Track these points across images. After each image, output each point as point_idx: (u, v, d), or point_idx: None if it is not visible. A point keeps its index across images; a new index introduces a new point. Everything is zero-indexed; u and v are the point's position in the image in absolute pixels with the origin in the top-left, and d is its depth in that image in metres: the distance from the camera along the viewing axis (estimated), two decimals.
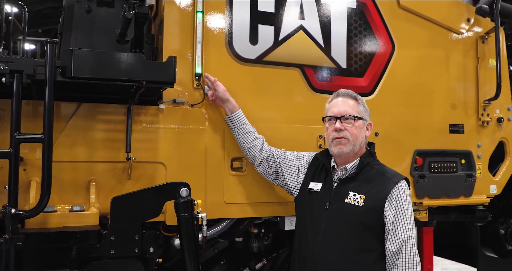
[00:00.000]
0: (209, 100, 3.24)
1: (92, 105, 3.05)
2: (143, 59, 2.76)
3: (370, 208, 2.60)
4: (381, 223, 2.61)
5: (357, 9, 3.77)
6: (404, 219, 2.59)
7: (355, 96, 2.87)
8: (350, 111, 2.78)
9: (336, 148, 2.75)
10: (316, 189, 2.84)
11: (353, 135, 2.75)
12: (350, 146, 2.74)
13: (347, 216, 2.63)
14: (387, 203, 2.61)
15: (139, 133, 3.10)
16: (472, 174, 4.09)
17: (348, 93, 2.88)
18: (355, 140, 2.75)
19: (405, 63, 3.93)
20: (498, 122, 4.31)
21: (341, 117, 2.77)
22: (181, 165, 3.19)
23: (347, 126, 2.75)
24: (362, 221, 2.61)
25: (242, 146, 3.21)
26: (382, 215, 2.60)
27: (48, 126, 2.58)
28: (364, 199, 2.63)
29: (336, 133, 2.76)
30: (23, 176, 2.84)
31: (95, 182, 3.04)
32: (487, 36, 4.32)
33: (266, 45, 3.44)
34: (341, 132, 2.74)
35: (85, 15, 3.47)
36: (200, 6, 3.28)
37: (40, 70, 2.58)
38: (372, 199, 2.63)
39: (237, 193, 3.33)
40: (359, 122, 2.78)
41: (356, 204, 2.63)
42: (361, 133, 2.79)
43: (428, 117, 4.00)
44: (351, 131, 2.75)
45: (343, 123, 2.76)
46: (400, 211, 2.59)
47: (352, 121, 2.77)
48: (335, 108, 2.82)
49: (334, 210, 2.68)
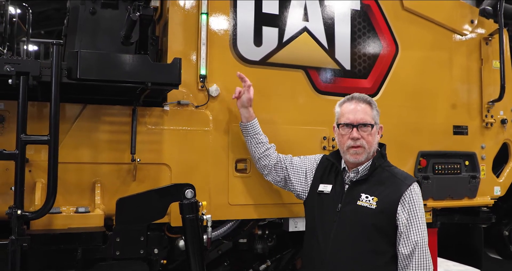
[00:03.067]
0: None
1: (97, 107, 3.06)
2: (149, 61, 2.76)
3: (382, 210, 2.59)
4: (393, 225, 2.60)
5: (361, 11, 3.78)
6: (417, 222, 2.58)
7: (370, 100, 2.80)
8: (367, 119, 2.72)
9: (352, 157, 2.71)
10: (326, 191, 2.81)
11: (369, 143, 2.71)
12: (365, 154, 2.71)
13: (360, 218, 2.61)
14: (400, 206, 2.60)
15: (144, 135, 3.11)
16: (476, 175, 4.10)
17: (363, 97, 2.79)
18: (370, 148, 2.72)
19: (409, 64, 3.94)
20: (502, 123, 4.31)
21: (358, 125, 2.71)
22: (185, 167, 3.20)
23: (364, 134, 2.70)
24: (375, 223, 2.59)
25: (252, 154, 3.20)
26: (394, 217, 2.59)
27: (54, 128, 2.59)
28: (376, 201, 2.61)
29: (352, 142, 2.70)
30: (28, 177, 2.85)
31: (100, 183, 3.04)
32: (491, 37, 4.32)
33: (270, 47, 3.45)
34: (358, 141, 2.69)
35: (89, 17, 3.48)
36: (204, 8, 3.29)
37: (46, 72, 2.60)
38: (385, 201, 2.61)
39: (241, 194, 3.33)
40: (374, 129, 2.74)
41: (368, 206, 2.61)
42: (375, 140, 2.76)
43: (432, 118, 4.00)
44: (367, 139, 2.70)
45: (360, 132, 2.70)
46: (412, 213, 2.58)
47: (369, 129, 2.71)
48: (351, 115, 2.73)
49: (346, 212, 2.66)
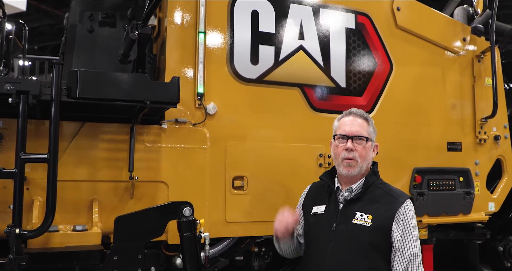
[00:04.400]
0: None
1: (95, 124, 3.08)
2: (148, 80, 2.80)
3: (377, 227, 2.61)
4: (388, 242, 2.62)
5: (356, 29, 3.84)
6: (411, 238, 2.60)
7: (367, 117, 2.85)
8: (362, 132, 2.75)
9: (345, 169, 2.73)
10: (320, 212, 2.81)
11: (362, 156, 2.73)
12: (358, 168, 2.72)
13: (355, 236, 2.63)
14: (394, 223, 2.62)
15: (141, 153, 3.13)
16: (471, 191, 4.13)
17: (360, 113, 2.84)
18: (363, 161, 2.73)
19: (403, 82, 4.00)
20: (495, 140, 4.36)
21: (353, 137, 2.74)
22: (183, 184, 3.21)
23: (358, 147, 2.73)
24: (370, 240, 2.61)
25: (279, 251, 3.07)
26: (389, 234, 2.61)
27: (53, 146, 2.60)
28: (371, 219, 2.63)
29: (346, 153, 2.72)
30: (26, 195, 2.84)
31: (98, 201, 3.05)
32: (483, 55, 4.39)
33: (266, 65, 3.50)
34: (351, 152, 2.71)
35: (87, 35, 3.52)
36: (202, 27, 3.34)
37: (46, 91, 2.62)
38: (380, 219, 2.63)
39: (239, 211, 3.34)
40: (369, 144, 2.77)
41: (364, 224, 2.63)
42: (369, 155, 2.78)
43: (426, 135, 4.05)
44: (361, 152, 2.72)
45: (354, 144, 2.73)
46: (407, 230, 2.61)
47: (363, 142, 2.74)
48: (347, 127, 2.77)
49: (341, 231, 2.68)
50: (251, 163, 3.41)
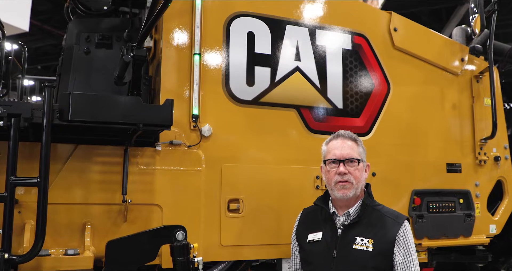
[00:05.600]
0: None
1: (89, 147, 3.05)
2: (141, 103, 2.78)
3: (380, 251, 2.56)
4: (390, 266, 2.58)
5: (352, 50, 3.83)
6: (411, 260, 2.59)
7: (355, 137, 2.83)
8: (353, 154, 2.73)
9: (339, 192, 2.69)
10: (316, 239, 2.75)
11: (356, 178, 2.70)
12: (353, 190, 2.69)
13: (358, 262, 2.57)
14: (396, 246, 2.59)
15: (135, 175, 3.09)
16: (471, 213, 4.07)
17: (348, 134, 2.82)
18: (358, 183, 2.70)
19: (401, 103, 3.97)
20: (495, 161, 4.31)
21: (345, 161, 2.71)
22: (177, 207, 3.16)
23: (351, 169, 2.70)
24: (374, 265, 2.55)
25: None
26: (391, 258, 2.57)
27: (44, 169, 2.57)
28: (372, 243, 2.58)
29: (340, 177, 2.69)
30: (17, 218, 2.81)
31: (90, 224, 3.00)
32: (481, 75, 4.37)
33: (262, 87, 3.48)
34: (345, 176, 2.68)
35: (83, 56, 3.52)
36: (197, 49, 3.33)
37: (37, 114, 2.60)
38: (381, 242, 2.59)
39: (234, 235, 3.29)
40: (361, 165, 2.74)
41: (365, 249, 2.57)
42: (363, 176, 2.76)
43: (425, 156, 4.01)
44: (355, 174, 2.69)
45: (347, 167, 2.71)
46: (407, 252, 2.59)
47: (356, 164, 2.71)
48: (338, 151, 2.75)
49: (343, 257, 2.61)
50: (246, 185, 3.37)
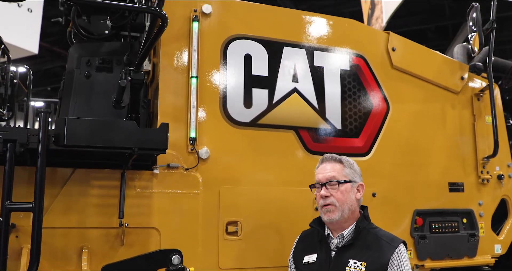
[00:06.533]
0: None
1: (86, 171, 3.07)
2: (136, 127, 2.79)
3: None
4: None
5: (350, 70, 3.83)
6: None
7: (340, 159, 2.82)
8: (334, 176, 2.74)
9: (325, 216, 2.70)
10: (311, 261, 2.74)
11: (340, 200, 2.68)
12: (338, 212, 2.67)
13: None
14: (389, 269, 2.55)
15: (132, 199, 3.09)
16: (475, 233, 4.01)
17: (331, 157, 2.83)
18: (342, 205, 2.69)
19: (400, 122, 3.96)
20: (499, 179, 4.26)
21: (326, 183, 2.73)
22: (175, 230, 3.16)
23: (332, 192, 2.70)
24: None
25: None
26: None
27: (39, 195, 2.58)
28: (365, 266, 2.55)
29: (322, 201, 2.71)
30: (15, 243, 2.82)
31: (87, 248, 2.99)
32: (482, 93, 4.35)
33: (260, 109, 3.49)
34: (327, 199, 2.69)
35: (84, 80, 3.56)
36: (194, 72, 3.36)
37: (33, 139, 2.62)
38: (374, 266, 2.56)
39: (232, 258, 3.27)
40: (345, 186, 2.72)
41: None
42: (349, 197, 2.72)
43: (426, 176, 3.97)
44: (337, 196, 2.69)
45: (329, 189, 2.71)
46: None
47: (336, 186, 2.71)
48: (320, 175, 2.78)
49: None
50: (245, 207, 3.35)
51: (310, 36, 3.77)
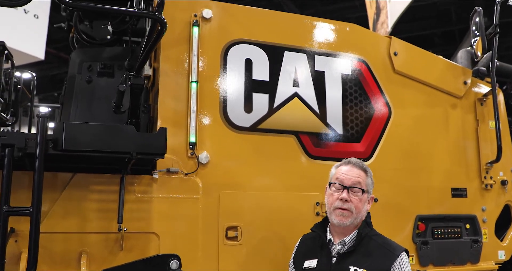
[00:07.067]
0: None
1: (86, 175, 3.06)
2: (134, 131, 2.79)
3: None
4: None
5: (352, 75, 3.82)
6: None
7: (366, 168, 2.78)
8: (360, 182, 2.69)
9: (337, 218, 2.65)
10: (312, 266, 2.71)
11: (357, 208, 2.65)
12: (351, 219, 2.64)
13: None
14: None
15: (132, 204, 3.09)
16: (478, 239, 3.97)
17: (359, 163, 2.78)
18: (358, 213, 2.66)
19: (403, 127, 3.93)
20: (502, 185, 4.22)
21: (349, 188, 2.68)
22: (174, 235, 3.14)
23: (353, 198, 2.66)
24: None
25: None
26: None
27: (37, 199, 2.58)
28: None
29: (340, 203, 2.65)
30: (14, 247, 2.82)
31: (87, 253, 2.98)
32: (485, 98, 4.32)
33: (260, 113, 3.47)
34: (346, 203, 2.64)
35: (85, 85, 3.57)
36: (194, 76, 3.36)
37: (31, 144, 2.62)
38: None
39: (233, 263, 3.25)
40: (365, 196, 2.70)
41: None
42: (364, 208, 2.70)
43: (429, 181, 3.94)
44: (356, 204, 2.65)
45: (350, 194, 2.67)
46: None
47: (360, 194, 2.67)
48: (345, 176, 2.71)
49: None
50: (245, 212, 3.34)
51: (311, 41, 3.76)
